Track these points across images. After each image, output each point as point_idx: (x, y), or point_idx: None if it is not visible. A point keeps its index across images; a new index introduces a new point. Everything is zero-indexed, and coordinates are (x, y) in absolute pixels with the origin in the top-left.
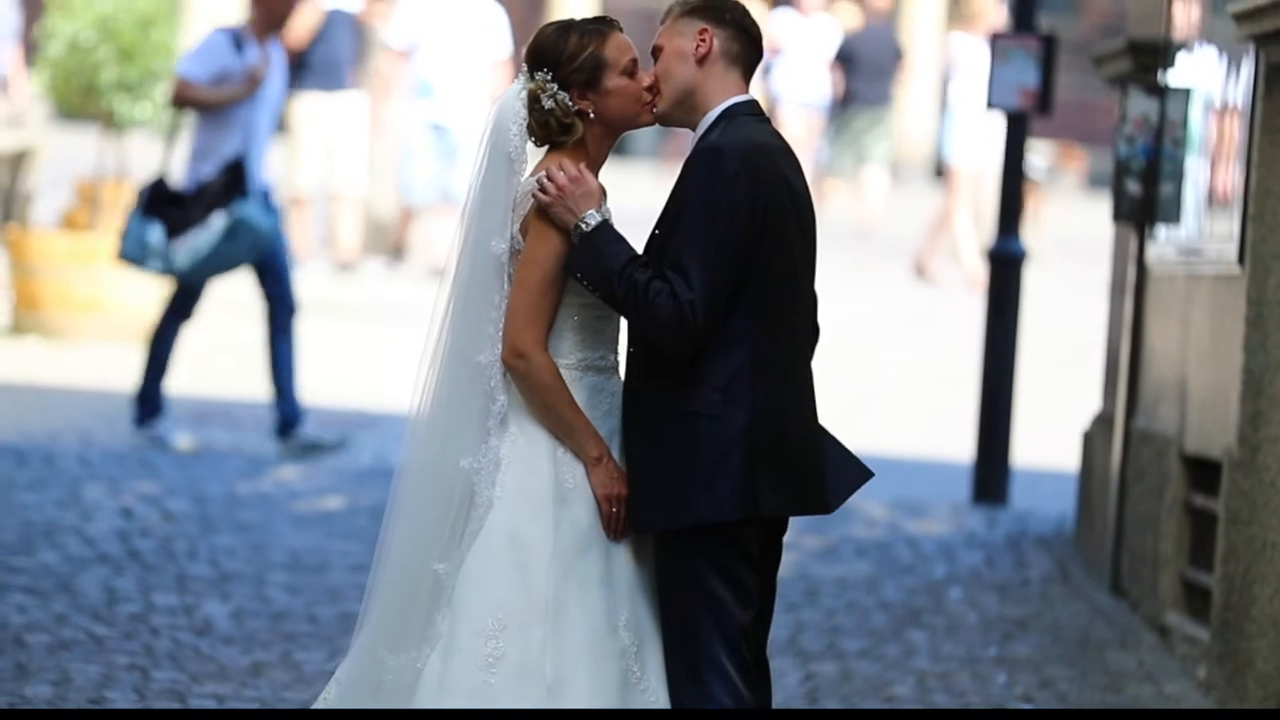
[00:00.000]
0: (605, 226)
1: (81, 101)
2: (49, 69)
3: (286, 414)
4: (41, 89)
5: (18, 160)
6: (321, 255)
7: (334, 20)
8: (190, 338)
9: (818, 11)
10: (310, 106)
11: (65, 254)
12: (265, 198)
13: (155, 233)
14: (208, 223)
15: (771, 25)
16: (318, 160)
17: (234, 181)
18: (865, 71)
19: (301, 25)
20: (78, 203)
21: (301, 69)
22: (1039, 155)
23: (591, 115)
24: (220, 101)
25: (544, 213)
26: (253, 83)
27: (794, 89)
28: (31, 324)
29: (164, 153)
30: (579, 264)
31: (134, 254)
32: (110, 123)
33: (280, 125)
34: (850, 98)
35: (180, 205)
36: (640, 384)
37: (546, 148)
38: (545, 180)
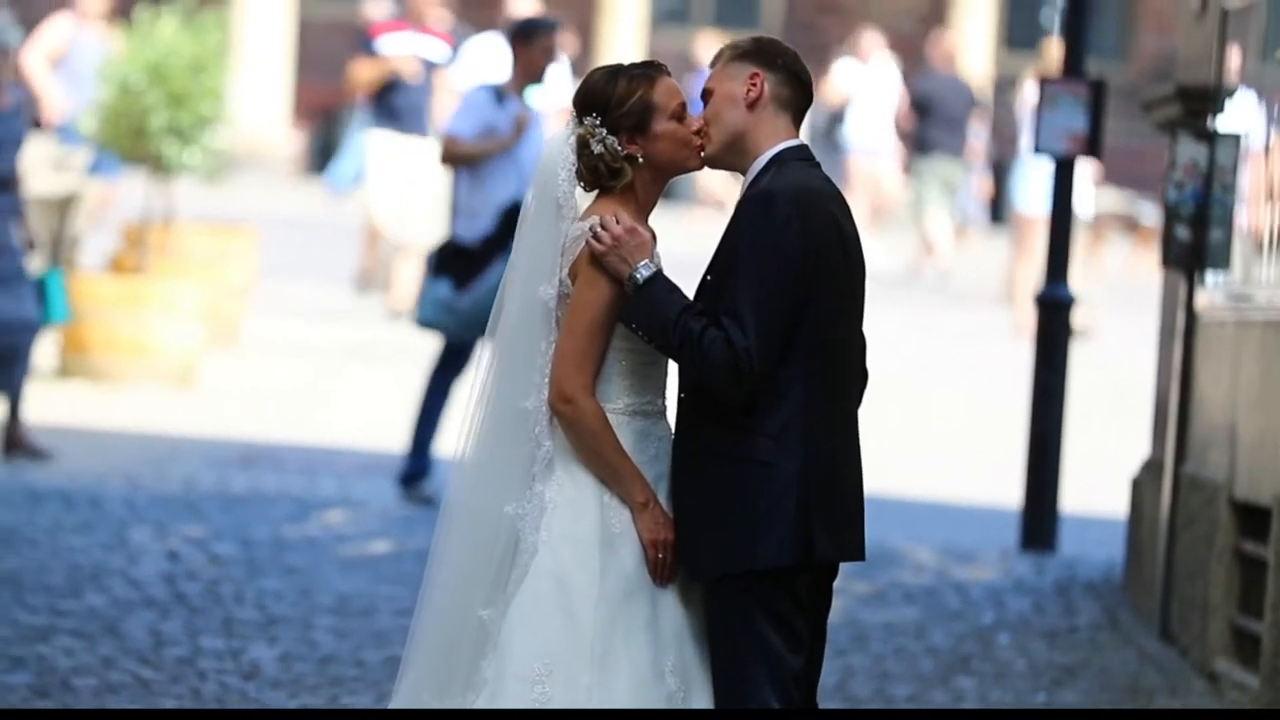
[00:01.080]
0: (659, 277)
1: (130, 145)
2: (98, 112)
3: (416, 466)
4: (91, 132)
5: (65, 204)
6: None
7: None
8: (239, 380)
9: (877, 52)
10: (387, 145)
11: (112, 297)
12: None
13: (443, 288)
14: (490, 269)
15: (835, 77)
16: (393, 198)
17: (513, 225)
18: (940, 120)
19: (382, 70)
20: (124, 246)
21: (382, 112)
22: (1149, 203)
23: (640, 160)
24: (489, 151)
25: (595, 259)
26: (519, 129)
27: (863, 137)
28: (78, 367)
29: (449, 213)
30: (633, 315)
31: (429, 316)
32: (159, 167)
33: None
34: (926, 145)
35: (466, 259)
36: (692, 430)
37: (595, 193)
38: (599, 230)
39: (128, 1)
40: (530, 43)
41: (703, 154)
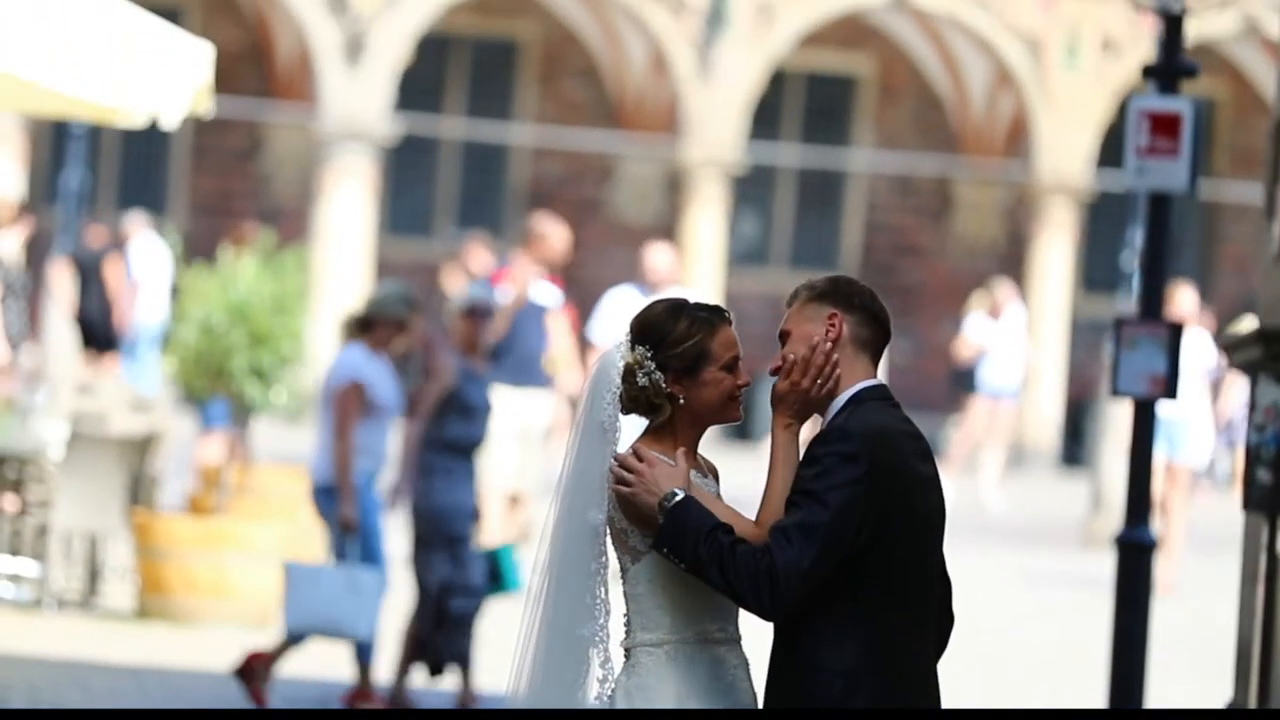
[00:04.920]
0: (689, 500)
1: (211, 385)
2: (179, 353)
3: None
4: (171, 373)
5: (145, 445)
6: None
7: (527, 313)
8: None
9: (1010, 303)
10: (502, 400)
11: (190, 538)
12: None
13: None
14: None
15: (968, 333)
16: (512, 455)
17: None
18: None
19: (504, 320)
20: (202, 487)
21: (495, 362)
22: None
23: (682, 401)
24: None
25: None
26: None
27: (994, 382)
28: (157, 608)
29: None
30: (664, 537)
31: None
32: (240, 407)
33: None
34: None
35: None
36: (771, 666)
37: (646, 426)
38: (620, 471)
39: (210, 244)
40: None
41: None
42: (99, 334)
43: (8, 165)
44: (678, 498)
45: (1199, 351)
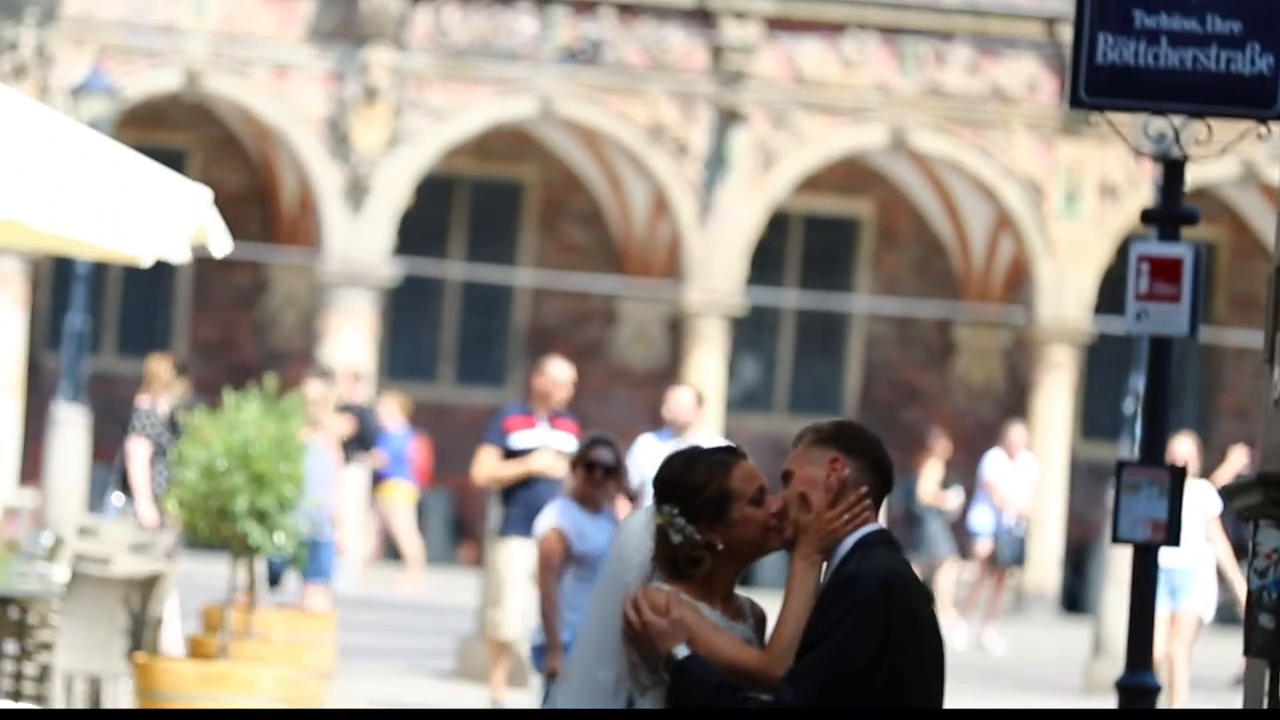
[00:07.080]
0: (690, 661)
1: (213, 528)
2: (181, 495)
3: None
4: (173, 515)
5: (149, 585)
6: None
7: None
8: None
9: (1023, 451)
10: (514, 551)
11: (192, 681)
12: None
13: None
14: None
15: (986, 466)
16: (521, 605)
17: None
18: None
19: (525, 471)
20: (204, 630)
21: (515, 513)
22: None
23: (720, 547)
24: None
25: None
26: None
27: (990, 522)
28: None
29: None
30: (672, 700)
31: None
32: (242, 549)
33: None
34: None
35: None
36: None
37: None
38: (630, 615)
39: (213, 387)
40: None
41: (783, 536)
42: None
43: (10, 308)
44: (677, 659)
45: (1200, 499)
